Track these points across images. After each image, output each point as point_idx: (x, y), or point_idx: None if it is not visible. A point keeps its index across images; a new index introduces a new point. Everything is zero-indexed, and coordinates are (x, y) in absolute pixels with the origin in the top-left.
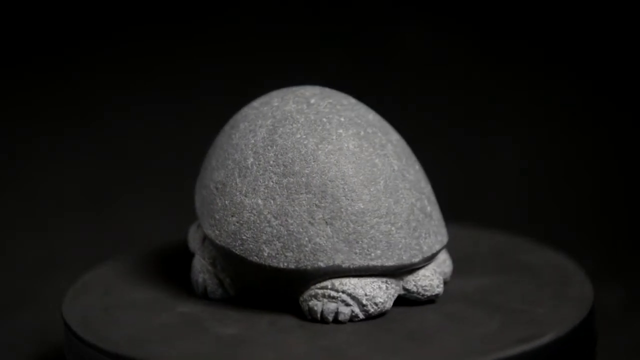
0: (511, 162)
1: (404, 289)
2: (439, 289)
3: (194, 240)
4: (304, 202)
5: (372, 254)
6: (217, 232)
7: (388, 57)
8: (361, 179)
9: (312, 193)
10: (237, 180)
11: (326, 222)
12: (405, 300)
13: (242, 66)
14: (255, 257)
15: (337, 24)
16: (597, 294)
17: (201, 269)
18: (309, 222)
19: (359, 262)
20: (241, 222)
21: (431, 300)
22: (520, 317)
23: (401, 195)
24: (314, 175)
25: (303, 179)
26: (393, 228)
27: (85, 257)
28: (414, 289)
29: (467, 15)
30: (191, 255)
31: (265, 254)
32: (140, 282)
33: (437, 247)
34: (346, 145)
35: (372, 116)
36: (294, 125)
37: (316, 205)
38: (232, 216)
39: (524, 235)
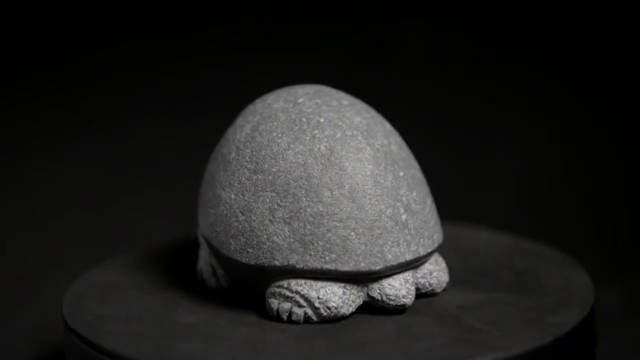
0: (511, 162)
1: (369, 296)
2: (405, 300)
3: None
4: (267, 199)
5: (327, 257)
6: (202, 222)
7: (388, 57)
8: (325, 181)
9: (275, 192)
10: (221, 173)
11: (285, 221)
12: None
13: (242, 66)
14: (225, 250)
15: (337, 24)
16: (597, 294)
17: (201, 258)
18: (270, 220)
19: (312, 264)
20: (217, 214)
21: (398, 310)
22: (478, 335)
23: (368, 201)
24: (280, 174)
25: (270, 176)
26: (352, 233)
27: (85, 257)
28: (379, 297)
29: (467, 15)
30: (190, 255)
31: (232, 248)
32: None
33: (408, 257)
34: (317, 146)
35: (359, 119)
36: (274, 123)
37: (278, 204)
38: (212, 208)
39: (523, 235)
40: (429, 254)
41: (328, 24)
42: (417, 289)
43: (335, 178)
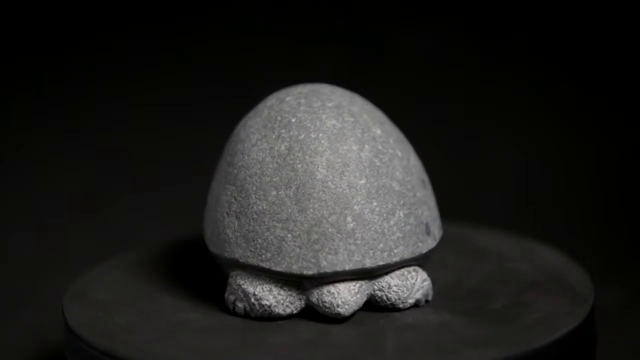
0: (511, 162)
1: (309, 300)
2: (340, 310)
3: None
4: (229, 192)
5: (263, 256)
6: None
7: (388, 57)
8: (274, 181)
9: (235, 185)
10: (218, 166)
11: (236, 215)
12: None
13: (242, 66)
14: (204, 238)
15: (337, 24)
16: (597, 294)
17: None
18: (227, 213)
19: (251, 260)
20: (205, 203)
21: (336, 319)
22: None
23: (311, 205)
24: (242, 169)
25: (235, 170)
26: (289, 235)
27: (85, 257)
28: (316, 303)
29: (467, 15)
30: (190, 256)
31: (207, 236)
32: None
33: (348, 267)
34: (278, 146)
35: (333, 122)
36: (256, 119)
37: (234, 197)
38: (207, 198)
39: (524, 235)
40: (382, 267)
41: (328, 24)
42: (377, 301)
43: (285, 178)
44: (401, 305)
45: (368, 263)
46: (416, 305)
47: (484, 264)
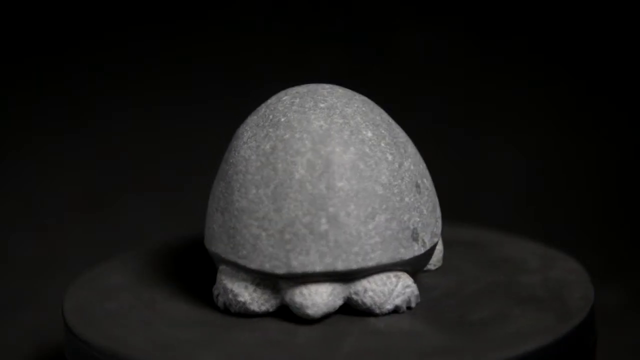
0: (511, 162)
1: (284, 300)
2: (309, 311)
3: None
4: (219, 189)
5: (240, 253)
6: None
7: (388, 57)
8: (256, 179)
9: (225, 181)
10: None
11: (222, 211)
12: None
13: (242, 66)
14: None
15: (337, 24)
16: (597, 294)
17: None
18: (215, 209)
19: (230, 256)
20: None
21: (307, 320)
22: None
23: (286, 205)
24: (231, 166)
25: (227, 167)
26: (264, 233)
27: (85, 257)
28: (289, 302)
29: (467, 15)
30: (189, 257)
31: (204, 230)
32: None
33: (318, 268)
34: (264, 145)
35: (321, 124)
36: (252, 117)
37: (222, 193)
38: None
39: (524, 235)
40: (356, 271)
41: (328, 24)
42: (353, 305)
43: (265, 177)
44: (377, 311)
45: (340, 266)
46: (395, 311)
47: (495, 274)
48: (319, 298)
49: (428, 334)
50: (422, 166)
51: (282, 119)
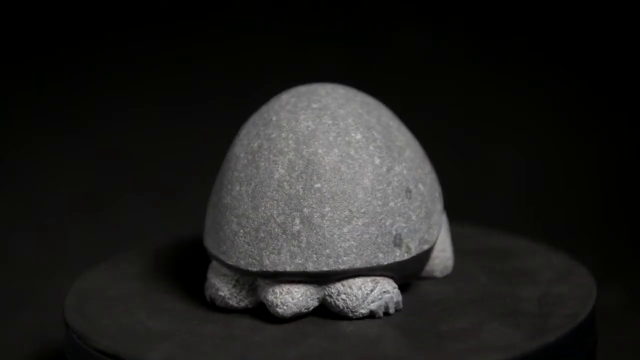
0: (511, 162)
1: (259, 296)
2: (279, 309)
3: None
4: (215, 184)
5: (221, 248)
6: None
7: (388, 57)
8: (241, 176)
9: (219, 178)
10: None
11: (212, 207)
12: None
13: (242, 66)
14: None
15: (337, 24)
16: (597, 294)
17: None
18: (213, 204)
19: (214, 251)
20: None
21: (278, 318)
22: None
23: (263, 203)
24: (224, 162)
25: (222, 163)
26: (241, 231)
27: (85, 257)
28: (264, 300)
29: (467, 15)
30: (189, 256)
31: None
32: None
33: (289, 268)
34: (253, 143)
35: (308, 124)
36: (253, 116)
37: (216, 189)
38: None
39: (523, 235)
40: (328, 273)
41: (328, 24)
42: (329, 307)
43: (248, 175)
44: (350, 315)
45: (310, 267)
46: (372, 316)
47: (500, 285)
48: (289, 297)
49: (389, 342)
50: (422, 171)
51: (274, 118)
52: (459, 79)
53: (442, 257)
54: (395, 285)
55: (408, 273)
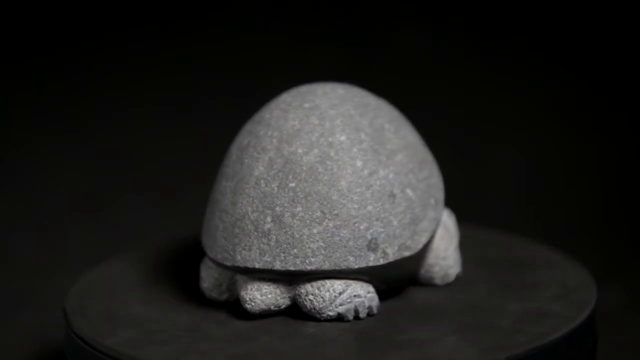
0: (511, 162)
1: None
2: (247, 305)
3: None
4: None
5: (207, 242)
6: None
7: (388, 57)
8: (229, 172)
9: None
10: None
11: (209, 202)
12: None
13: (242, 66)
14: None
15: (337, 24)
16: (597, 294)
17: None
18: (209, 198)
19: (204, 242)
20: None
21: (248, 314)
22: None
23: (241, 200)
24: (224, 159)
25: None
26: (221, 225)
27: (85, 257)
28: (239, 295)
29: (467, 15)
30: (189, 257)
31: None
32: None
33: (257, 265)
34: (245, 140)
35: (294, 124)
36: (256, 113)
37: (212, 185)
38: None
39: (523, 235)
40: (295, 273)
41: (328, 24)
42: (299, 306)
43: (234, 171)
44: (318, 315)
45: (278, 266)
46: (340, 319)
47: (497, 298)
48: (258, 294)
49: (338, 346)
50: (414, 176)
51: (267, 116)
52: (459, 79)
53: (443, 265)
54: (371, 290)
55: (390, 278)
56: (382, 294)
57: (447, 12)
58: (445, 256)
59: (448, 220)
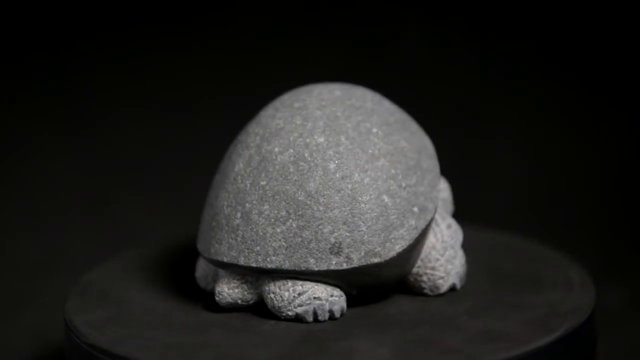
0: (511, 162)
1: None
2: (217, 297)
3: None
4: None
5: (198, 233)
6: None
7: (388, 57)
8: (221, 167)
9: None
10: None
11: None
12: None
13: (242, 66)
14: None
15: (337, 24)
16: (597, 294)
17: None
18: None
19: (198, 233)
20: None
21: (220, 307)
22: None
23: (221, 194)
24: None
25: None
26: (206, 217)
27: (85, 257)
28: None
29: (467, 15)
30: (189, 257)
31: None
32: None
33: (225, 259)
34: (240, 136)
35: (279, 122)
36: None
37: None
38: None
39: (523, 235)
40: (258, 270)
41: (328, 24)
42: (266, 303)
43: (223, 166)
44: (278, 314)
45: (242, 261)
46: (299, 319)
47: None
48: (226, 288)
49: (271, 346)
50: (395, 183)
51: (261, 114)
52: (459, 79)
53: (431, 275)
54: (336, 294)
55: (360, 284)
56: (366, 299)
57: (447, 12)
58: (435, 266)
59: (447, 232)
